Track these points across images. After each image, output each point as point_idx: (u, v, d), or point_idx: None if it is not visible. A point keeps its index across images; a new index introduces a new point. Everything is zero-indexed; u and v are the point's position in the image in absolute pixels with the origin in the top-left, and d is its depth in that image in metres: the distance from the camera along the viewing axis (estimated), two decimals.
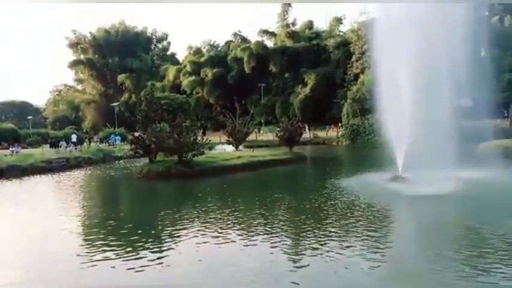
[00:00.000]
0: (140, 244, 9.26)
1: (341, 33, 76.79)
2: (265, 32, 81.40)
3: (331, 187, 15.88)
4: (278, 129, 33.78)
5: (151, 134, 23.15)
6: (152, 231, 10.52)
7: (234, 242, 9.25)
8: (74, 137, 40.01)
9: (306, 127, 56.27)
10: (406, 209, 12.76)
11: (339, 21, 79.82)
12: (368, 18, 44.89)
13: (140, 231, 10.42)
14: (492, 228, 9.32)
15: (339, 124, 54.71)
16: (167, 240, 9.67)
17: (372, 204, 12.34)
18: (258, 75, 72.44)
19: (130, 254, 8.54)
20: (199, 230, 10.26)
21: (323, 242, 8.78)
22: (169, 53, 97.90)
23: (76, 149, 36.45)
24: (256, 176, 22.49)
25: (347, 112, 52.13)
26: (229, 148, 32.42)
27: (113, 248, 9.01)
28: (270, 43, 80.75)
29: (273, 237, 9.39)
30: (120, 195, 19.59)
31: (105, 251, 8.82)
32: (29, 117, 68.85)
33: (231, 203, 13.79)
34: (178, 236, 9.91)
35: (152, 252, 8.70)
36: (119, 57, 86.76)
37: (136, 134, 25.74)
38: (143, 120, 25.09)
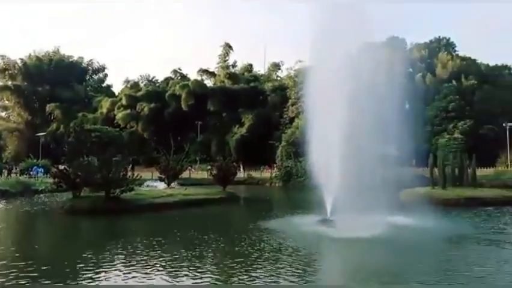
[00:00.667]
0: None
1: (278, 78, 79.60)
2: (205, 71, 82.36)
3: (261, 229, 15.77)
4: (209, 167, 33.41)
5: (77, 168, 21.95)
6: (70, 274, 9.70)
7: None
8: None
9: (241, 167, 56.43)
10: (329, 252, 12.95)
11: (276, 66, 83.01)
12: (303, 66, 46.94)
13: (54, 274, 9.57)
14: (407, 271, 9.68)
15: (274, 165, 55.52)
16: (83, 283, 8.95)
17: (298, 248, 12.36)
18: (195, 113, 72.38)
19: None
20: (119, 273, 9.63)
21: None
22: (104, 85, 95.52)
23: None
24: (186, 215, 21.86)
25: (281, 154, 53.23)
26: (161, 185, 31.45)
27: None
28: (209, 82, 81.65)
29: (198, 282, 9.02)
30: (36, 233, 18.06)
31: None
32: None
33: (157, 244, 13.19)
34: (96, 280, 9.21)
35: None
36: (50, 86, 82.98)
37: (61, 166, 24.31)
38: (70, 153, 23.84)
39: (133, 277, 9.34)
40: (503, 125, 50.60)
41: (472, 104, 56.38)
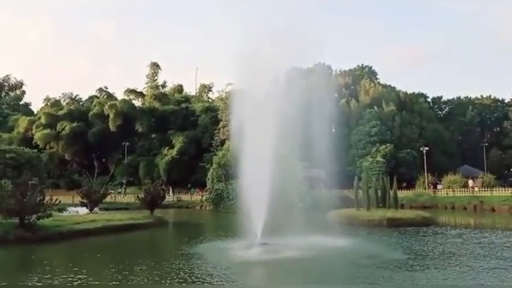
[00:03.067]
0: None
1: (210, 100, 79.45)
2: (133, 91, 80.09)
3: (187, 255, 15.24)
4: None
5: None
6: None
7: None
8: None
9: (170, 189, 55.00)
10: (250, 278, 12.75)
11: (206, 87, 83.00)
12: (233, 89, 47.05)
13: None
14: None
15: (204, 188, 54.69)
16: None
17: (225, 275, 12.02)
18: (122, 134, 69.65)
19: None
20: None
21: None
22: (22, 102, 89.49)
23: None
24: (110, 242, 20.66)
25: (212, 176, 52.51)
26: (83, 210, 29.57)
27: None
28: (137, 102, 79.39)
29: None
30: None
31: None
32: None
33: (75, 273, 12.16)
34: None
35: None
36: None
37: None
38: None
39: None
40: (421, 149, 54.15)
41: (392, 129, 59.95)
